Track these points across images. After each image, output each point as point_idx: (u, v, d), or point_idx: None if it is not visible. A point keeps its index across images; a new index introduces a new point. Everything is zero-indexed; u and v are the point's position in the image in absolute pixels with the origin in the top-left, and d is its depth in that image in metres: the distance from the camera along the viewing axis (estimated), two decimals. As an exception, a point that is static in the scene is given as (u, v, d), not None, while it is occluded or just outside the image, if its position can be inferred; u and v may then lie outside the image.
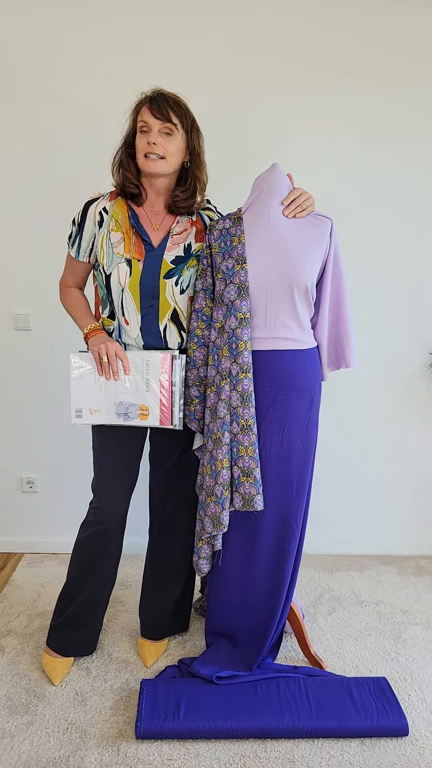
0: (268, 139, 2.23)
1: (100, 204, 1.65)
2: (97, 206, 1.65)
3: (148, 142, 1.55)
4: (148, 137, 1.55)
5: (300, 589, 2.30)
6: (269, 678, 1.70)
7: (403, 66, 2.23)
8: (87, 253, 1.68)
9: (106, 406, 1.63)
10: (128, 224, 1.64)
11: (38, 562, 2.46)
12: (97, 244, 1.65)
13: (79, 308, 1.72)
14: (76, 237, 1.67)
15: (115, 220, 1.64)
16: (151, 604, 1.92)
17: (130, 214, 1.65)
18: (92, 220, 1.64)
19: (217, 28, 2.16)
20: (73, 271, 1.74)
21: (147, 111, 1.55)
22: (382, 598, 2.27)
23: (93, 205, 1.66)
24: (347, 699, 1.63)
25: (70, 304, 1.74)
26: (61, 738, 1.55)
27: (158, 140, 1.55)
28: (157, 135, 1.55)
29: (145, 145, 1.56)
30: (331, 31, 2.19)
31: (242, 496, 1.63)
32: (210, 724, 1.54)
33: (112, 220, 1.64)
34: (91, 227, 1.65)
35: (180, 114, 1.57)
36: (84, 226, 1.65)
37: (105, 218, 1.64)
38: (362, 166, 2.29)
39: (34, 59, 2.15)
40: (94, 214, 1.65)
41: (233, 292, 1.60)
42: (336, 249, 1.68)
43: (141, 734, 1.52)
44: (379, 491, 2.59)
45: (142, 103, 1.58)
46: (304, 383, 1.66)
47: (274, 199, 1.62)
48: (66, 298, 1.75)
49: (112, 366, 1.60)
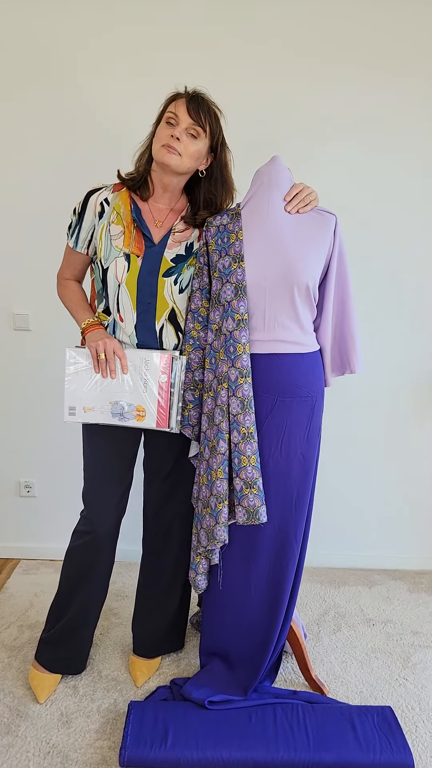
0: (279, 138, 2.13)
1: (102, 194, 1.58)
2: (98, 197, 1.57)
3: (171, 135, 1.47)
4: (173, 130, 1.47)
5: (303, 605, 2.19)
6: (265, 704, 1.60)
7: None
8: (85, 244, 1.60)
9: (101, 405, 1.55)
10: (130, 218, 1.56)
11: (34, 569, 2.38)
12: (96, 235, 1.57)
13: (76, 302, 1.64)
14: (76, 227, 1.59)
15: (117, 213, 1.56)
16: (144, 620, 1.83)
17: (133, 208, 1.57)
18: (93, 211, 1.57)
19: (225, 22, 2.06)
20: (71, 263, 1.66)
21: (182, 105, 1.48)
22: (391, 616, 2.15)
23: (94, 195, 1.58)
24: (348, 730, 1.52)
25: (68, 297, 1.66)
26: (41, 763, 1.46)
27: (182, 137, 1.47)
28: (182, 132, 1.47)
29: (168, 137, 1.48)
30: (348, 25, 2.07)
31: (246, 510, 1.52)
32: (199, 754, 1.44)
33: (113, 212, 1.56)
34: (91, 218, 1.57)
35: (213, 125, 1.51)
36: (84, 216, 1.58)
37: (106, 210, 1.56)
38: (374, 164, 2.17)
39: (37, 52, 2.08)
40: (95, 205, 1.57)
41: (230, 292, 1.50)
42: (341, 247, 1.57)
43: (125, 762, 1.43)
44: (390, 502, 2.46)
45: (179, 97, 1.50)
46: (305, 389, 1.55)
47: (275, 194, 1.52)
48: (63, 291, 1.67)
49: (110, 364, 1.51)
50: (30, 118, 2.12)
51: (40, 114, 2.12)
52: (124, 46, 2.07)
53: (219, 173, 1.58)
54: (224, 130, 1.55)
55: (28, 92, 2.10)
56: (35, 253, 2.21)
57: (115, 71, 2.08)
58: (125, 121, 2.07)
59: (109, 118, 2.10)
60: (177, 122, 1.47)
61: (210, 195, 1.60)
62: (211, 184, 1.59)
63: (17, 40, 2.06)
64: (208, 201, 1.60)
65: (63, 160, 2.14)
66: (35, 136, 2.13)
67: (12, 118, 2.12)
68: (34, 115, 2.12)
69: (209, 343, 1.55)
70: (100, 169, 1.79)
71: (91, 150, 2.11)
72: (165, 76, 1.81)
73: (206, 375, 1.56)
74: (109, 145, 2.06)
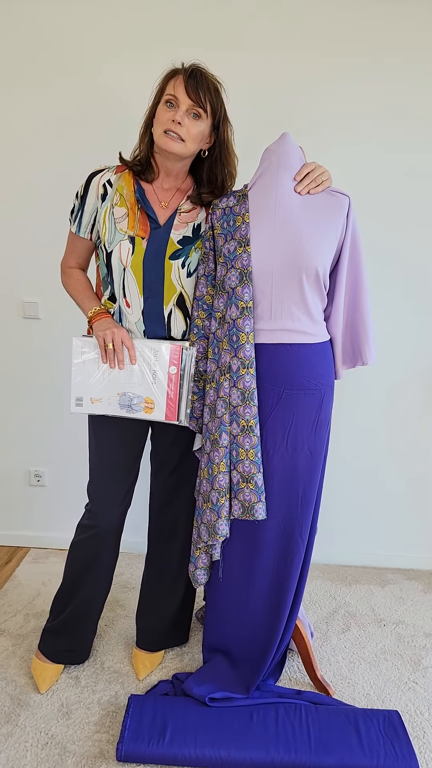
0: (297, 119, 2.05)
1: (105, 176, 1.52)
2: (101, 178, 1.52)
3: (173, 120, 1.41)
4: (174, 114, 1.41)
5: (312, 603, 2.14)
6: (267, 703, 1.55)
7: None
8: (88, 228, 1.56)
9: (108, 396, 1.51)
10: (133, 199, 1.51)
11: (43, 558, 2.38)
12: (99, 218, 1.52)
13: (81, 290, 1.60)
14: (78, 211, 1.55)
15: (120, 194, 1.51)
16: (148, 613, 1.80)
17: (136, 189, 1.51)
18: (95, 193, 1.52)
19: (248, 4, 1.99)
20: (75, 249, 1.62)
21: (181, 86, 1.40)
22: (404, 617, 2.08)
23: (97, 177, 1.53)
24: (352, 734, 1.47)
25: (73, 286, 1.62)
26: (39, 753, 1.45)
27: (184, 120, 1.41)
28: (184, 114, 1.41)
29: (169, 122, 1.41)
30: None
31: (241, 504, 1.48)
32: (197, 752, 1.41)
33: (116, 194, 1.51)
34: (94, 200, 1.52)
35: (214, 101, 1.44)
36: (86, 199, 1.53)
37: (109, 191, 1.51)
38: (388, 147, 2.08)
39: (41, 36, 2.04)
40: (97, 187, 1.52)
41: (234, 278, 1.44)
42: (354, 231, 1.50)
43: (122, 757, 1.41)
44: (407, 499, 2.38)
45: (176, 74, 1.43)
46: (313, 381, 1.49)
47: (284, 174, 1.45)
48: (68, 280, 1.64)
49: (118, 354, 1.47)
50: (38, 107, 2.09)
51: (49, 102, 2.08)
52: (130, 29, 2.02)
53: (221, 151, 1.52)
54: (226, 103, 1.47)
55: (35, 79, 2.07)
56: (44, 241, 2.18)
57: (122, 55, 2.03)
58: (136, 106, 2.02)
59: (119, 104, 2.05)
60: (177, 104, 1.41)
61: (212, 173, 1.54)
62: (213, 162, 1.53)
63: (24, 27, 2.03)
64: (210, 179, 1.55)
65: (71, 149, 2.10)
66: (43, 125, 2.10)
67: (21, 108, 2.09)
68: (43, 103, 2.08)
69: (213, 332, 1.50)
70: (111, 157, 1.75)
71: (100, 138, 2.06)
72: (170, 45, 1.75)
73: (209, 365, 1.52)
74: (118, 133, 2.01)
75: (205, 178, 1.55)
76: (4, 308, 2.27)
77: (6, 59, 2.06)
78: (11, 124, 2.11)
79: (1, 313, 2.28)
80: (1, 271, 2.24)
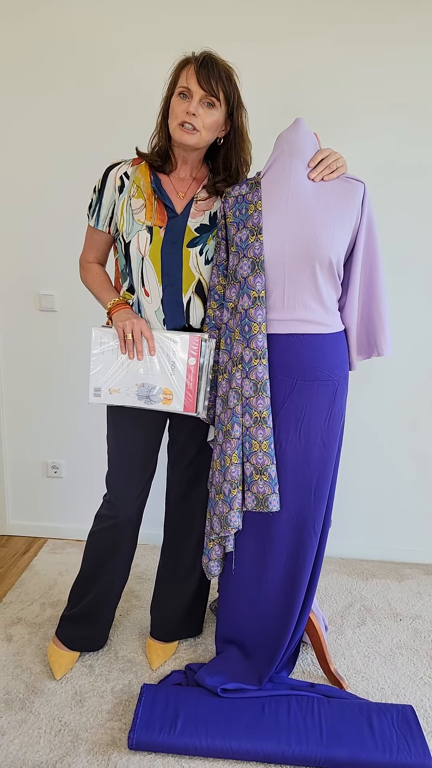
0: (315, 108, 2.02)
1: (121, 169, 1.53)
2: (118, 171, 1.53)
3: (187, 111, 1.40)
4: (187, 105, 1.40)
5: (328, 596, 2.12)
6: (279, 695, 1.55)
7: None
8: (107, 221, 1.56)
9: (126, 387, 1.51)
10: (150, 190, 1.51)
11: (60, 549, 2.41)
12: (117, 211, 1.53)
13: (100, 283, 1.61)
14: (96, 204, 1.55)
15: (137, 186, 1.51)
16: (162, 604, 1.81)
17: (153, 179, 1.52)
18: (112, 186, 1.52)
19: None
20: (94, 244, 1.62)
21: (193, 77, 1.39)
22: (421, 612, 2.05)
23: (114, 170, 1.53)
24: (365, 728, 1.45)
25: (92, 279, 1.63)
26: (51, 740, 1.46)
27: (198, 111, 1.40)
28: (198, 105, 1.40)
29: (183, 114, 1.41)
30: None
31: (255, 496, 1.48)
32: (207, 742, 1.41)
33: (133, 186, 1.51)
34: (111, 193, 1.53)
35: (228, 89, 1.42)
36: (104, 192, 1.54)
37: (126, 183, 1.52)
38: (405, 132, 2.04)
39: (60, 22, 2.04)
40: (114, 179, 1.52)
41: (247, 268, 1.43)
42: (370, 218, 1.47)
43: (133, 745, 1.42)
44: (425, 493, 2.35)
45: (188, 64, 1.42)
46: (327, 372, 1.47)
47: (297, 161, 1.43)
48: (86, 275, 1.64)
49: (137, 345, 1.47)
50: (62, 101, 2.09)
51: (69, 94, 2.09)
52: (145, 19, 2.01)
53: (236, 137, 1.51)
54: (240, 89, 1.45)
55: (57, 69, 2.07)
56: (60, 234, 2.19)
57: (145, 41, 2.02)
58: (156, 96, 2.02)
59: (139, 94, 2.05)
60: (190, 95, 1.40)
61: (227, 160, 1.53)
62: (228, 149, 1.52)
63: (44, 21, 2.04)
64: (225, 166, 1.54)
65: (88, 142, 2.10)
66: (65, 119, 2.10)
67: (45, 102, 2.10)
68: (67, 97, 2.09)
69: (225, 322, 1.49)
70: (131, 151, 1.74)
71: (120, 131, 2.06)
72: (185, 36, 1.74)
73: (221, 356, 1.51)
74: (139, 126, 2.00)
75: (220, 165, 1.54)
76: (21, 301, 2.29)
77: (35, 55, 2.06)
78: (35, 118, 2.12)
79: (18, 306, 2.30)
80: (18, 264, 2.26)
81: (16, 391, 2.39)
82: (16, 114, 2.12)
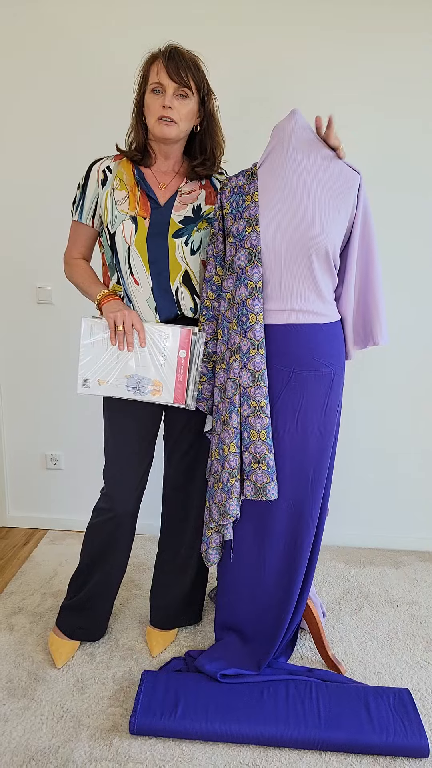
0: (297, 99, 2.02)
1: (104, 163, 1.55)
2: (100, 165, 1.55)
3: (163, 105, 1.43)
4: (162, 100, 1.43)
5: (326, 583, 2.15)
6: (278, 680, 1.57)
7: None
8: (90, 215, 1.57)
9: (116, 378, 1.52)
10: (133, 182, 1.53)
11: (60, 540, 2.43)
12: (100, 204, 1.54)
13: (87, 277, 1.61)
14: (80, 199, 1.57)
15: (119, 179, 1.53)
16: (161, 593, 1.83)
17: (135, 172, 1.54)
18: (95, 179, 1.54)
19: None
20: (78, 239, 1.63)
21: (163, 71, 1.42)
22: (417, 598, 2.08)
23: (96, 165, 1.56)
24: (362, 710, 1.48)
25: (78, 274, 1.62)
26: (54, 726, 1.49)
27: (173, 103, 1.43)
28: (172, 98, 1.43)
29: (159, 108, 1.44)
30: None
31: (254, 485, 1.49)
32: (208, 726, 1.43)
33: (116, 179, 1.53)
34: (95, 187, 1.54)
35: (197, 77, 1.46)
36: (87, 186, 1.55)
37: (109, 177, 1.53)
38: (405, 122, 2.04)
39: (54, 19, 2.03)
40: (97, 173, 1.54)
41: (243, 258, 1.44)
42: (365, 209, 1.48)
43: (135, 730, 1.44)
44: (421, 481, 2.37)
45: (156, 60, 1.45)
46: (324, 361, 1.48)
47: (293, 152, 1.43)
48: (72, 270, 1.63)
49: (128, 336, 1.48)
50: (56, 94, 2.09)
51: (66, 87, 2.08)
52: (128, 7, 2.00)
53: (209, 123, 1.54)
54: (207, 75, 1.49)
55: (51, 70, 2.07)
56: (56, 226, 2.18)
57: (139, 35, 2.01)
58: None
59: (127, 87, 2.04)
60: (163, 89, 1.43)
61: (202, 145, 1.56)
62: (202, 134, 1.55)
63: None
64: (201, 150, 1.56)
65: (84, 136, 2.10)
66: (59, 113, 2.10)
67: (38, 96, 2.09)
68: (60, 88, 2.08)
69: (222, 312, 1.50)
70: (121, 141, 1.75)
71: (115, 126, 2.05)
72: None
73: (219, 346, 1.52)
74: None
75: (197, 150, 1.57)
76: (19, 294, 2.29)
77: (27, 52, 2.06)
78: (28, 111, 2.11)
79: (15, 299, 2.30)
80: (15, 257, 2.26)
81: (14, 383, 2.40)
82: (14, 107, 2.12)
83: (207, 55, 1.50)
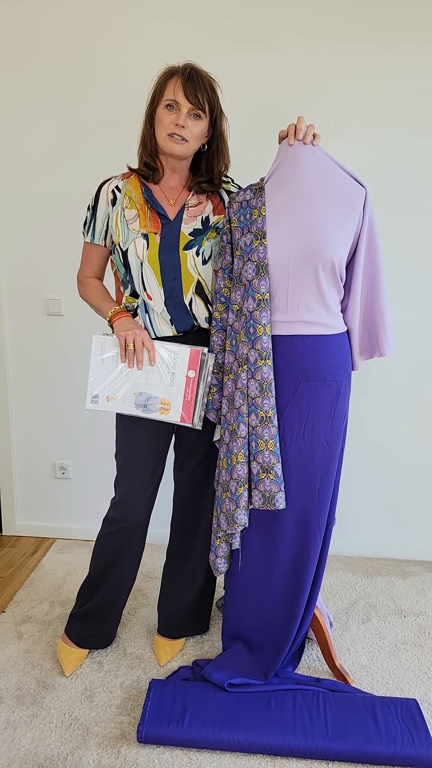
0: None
1: (113, 183, 1.59)
2: (109, 185, 1.59)
3: (176, 123, 1.46)
4: (176, 117, 1.46)
5: (333, 594, 2.15)
6: (285, 690, 1.58)
7: None
8: (102, 235, 1.61)
9: (124, 395, 1.55)
10: (142, 200, 1.56)
11: (68, 549, 2.44)
12: (111, 224, 1.57)
13: (99, 295, 1.65)
14: (91, 221, 1.61)
15: (129, 198, 1.56)
16: (169, 602, 1.84)
17: (144, 190, 1.57)
18: (105, 200, 1.58)
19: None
20: (90, 259, 1.67)
21: (180, 90, 1.45)
22: (425, 609, 2.08)
23: (105, 185, 1.59)
24: (369, 721, 1.48)
25: (90, 292, 1.66)
26: (62, 734, 1.50)
27: (186, 123, 1.47)
28: (186, 117, 1.47)
29: (172, 126, 1.47)
30: None
31: (262, 494, 1.51)
32: (215, 735, 1.44)
33: (125, 198, 1.56)
34: (105, 207, 1.58)
35: (212, 99, 1.50)
36: (97, 207, 1.59)
37: (118, 197, 1.57)
38: (409, 135, 2.07)
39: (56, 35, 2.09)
40: (106, 194, 1.58)
41: (251, 271, 1.46)
42: (371, 222, 1.50)
43: (142, 738, 1.45)
44: (429, 491, 2.37)
45: (173, 76, 1.47)
46: (330, 372, 1.50)
47: (300, 167, 1.46)
48: (85, 289, 1.68)
49: (138, 355, 1.51)
50: (65, 104, 2.14)
51: (79, 100, 2.13)
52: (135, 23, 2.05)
53: (218, 144, 1.57)
54: (221, 99, 1.52)
55: (65, 74, 2.12)
56: (67, 238, 2.23)
57: (147, 51, 2.06)
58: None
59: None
60: (177, 107, 1.46)
61: (209, 165, 1.59)
62: (211, 155, 1.58)
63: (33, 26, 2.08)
64: (208, 170, 1.60)
65: (95, 148, 2.14)
66: (71, 130, 2.14)
67: (50, 112, 2.14)
68: (73, 102, 2.13)
69: (230, 324, 1.53)
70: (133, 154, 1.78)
71: (126, 137, 2.09)
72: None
73: (227, 357, 1.54)
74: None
75: (203, 168, 1.60)
76: (29, 305, 2.33)
77: (50, 66, 2.11)
78: (43, 124, 2.16)
79: (26, 310, 2.34)
80: (26, 269, 2.30)
81: (24, 393, 2.43)
82: (25, 120, 2.16)
83: (216, 66, 1.53)
